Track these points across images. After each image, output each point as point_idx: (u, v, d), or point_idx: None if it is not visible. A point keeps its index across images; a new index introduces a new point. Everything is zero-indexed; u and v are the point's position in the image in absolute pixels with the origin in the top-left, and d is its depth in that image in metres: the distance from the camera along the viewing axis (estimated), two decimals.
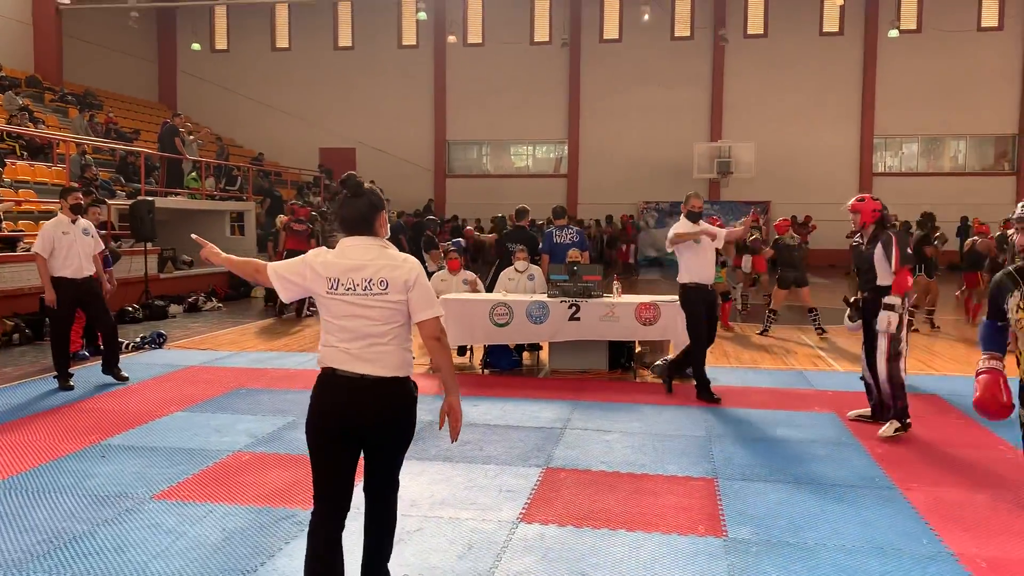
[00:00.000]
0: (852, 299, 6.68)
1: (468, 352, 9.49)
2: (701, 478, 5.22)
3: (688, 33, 27.13)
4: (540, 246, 9.87)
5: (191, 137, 18.76)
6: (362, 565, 3.48)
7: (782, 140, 25.97)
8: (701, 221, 7.69)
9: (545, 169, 28.89)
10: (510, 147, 29.27)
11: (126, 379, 7.98)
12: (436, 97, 28.51)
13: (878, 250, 6.23)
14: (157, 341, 10.38)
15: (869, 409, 6.63)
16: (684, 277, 7.50)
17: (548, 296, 8.55)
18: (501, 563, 3.94)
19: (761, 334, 11.50)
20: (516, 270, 9.38)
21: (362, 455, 3.27)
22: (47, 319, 10.85)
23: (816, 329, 11.60)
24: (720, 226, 8.52)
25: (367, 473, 3.34)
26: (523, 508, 4.69)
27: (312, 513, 3.29)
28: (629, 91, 27.02)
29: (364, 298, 3.10)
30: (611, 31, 27.60)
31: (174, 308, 13.64)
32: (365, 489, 3.37)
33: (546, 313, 8.37)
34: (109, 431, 6.23)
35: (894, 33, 24.98)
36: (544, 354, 9.32)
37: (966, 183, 25.83)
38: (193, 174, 17.99)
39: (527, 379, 8.56)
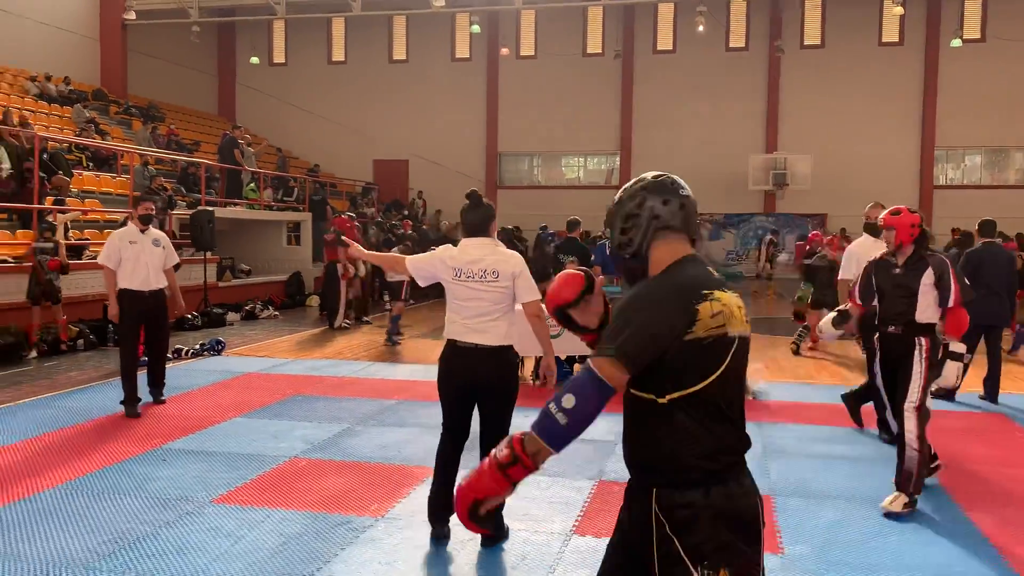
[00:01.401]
0: (844, 312, 5.36)
1: (520, 363, 9.50)
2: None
3: (743, 44, 26.88)
4: (592, 258, 9.86)
5: (250, 148, 19.17)
6: None
7: (839, 152, 25.51)
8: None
9: (597, 180, 28.83)
10: (561, 158, 29.28)
11: (163, 402, 7.53)
12: (488, 109, 28.69)
13: (927, 278, 4.94)
14: (216, 348, 10.60)
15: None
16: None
17: None
18: (555, 575, 3.94)
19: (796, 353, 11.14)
20: None
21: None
22: (111, 325, 11.17)
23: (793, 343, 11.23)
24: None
25: (481, 425, 4.20)
26: (576, 520, 4.68)
27: (441, 435, 4.29)
28: (683, 102, 26.85)
29: (481, 284, 4.07)
30: (665, 42, 27.47)
31: (232, 316, 13.92)
32: (480, 442, 4.15)
33: None
34: (170, 435, 6.38)
35: (957, 42, 24.41)
36: None
37: None
38: (252, 185, 18.36)
39: None
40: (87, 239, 12.83)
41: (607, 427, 6.70)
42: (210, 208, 15.04)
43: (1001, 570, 4.06)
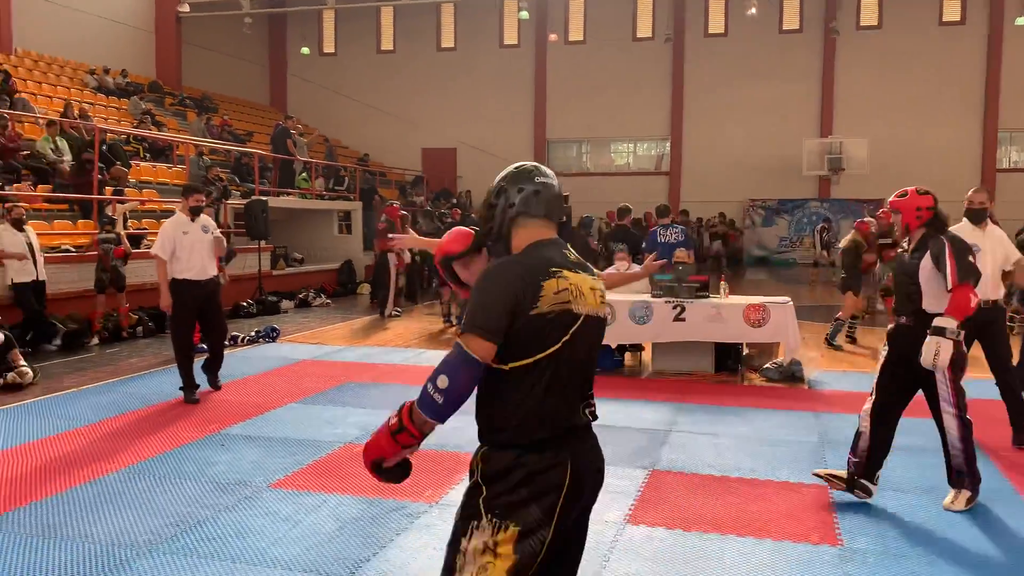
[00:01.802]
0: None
1: None
2: (815, 485, 5.06)
3: (797, 26, 26.34)
4: (643, 245, 9.77)
5: (302, 138, 19.40)
6: None
7: (897, 135, 24.86)
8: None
9: (646, 167, 28.57)
10: (610, 144, 29.07)
11: (219, 388, 7.64)
12: (536, 96, 28.59)
13: (925, 261, 4.57)
14: (271, 335, 10.77)
15: (844, 472, 4.86)
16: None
17: (652, 296, 8.46)
18: (609, 564, 3.92)
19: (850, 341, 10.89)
20: (618, 270, 9.31)
21: None
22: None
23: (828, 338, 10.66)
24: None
25: None
26: (629, 510, 4.65)
27: None
28: (735, 86, 26.42)
29: None
30: (716, 25, 27.05)
31: (286, 304, 14.13)
32: None
33: (650, 313, 8.28)
34: (228, 421, 6.50)
35: (1021, 20, 23.59)
36: (647, 355, 9.23)
37: None
38: (304, 175, 18.59)
39: (629, 380, 8.49)
40: (145, 228, 13.12)
41: (660, 417, 6.69)
42: (263, 198, 15.26)
43: None
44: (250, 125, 24.54)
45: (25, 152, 13.07)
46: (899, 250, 4.81)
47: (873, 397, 4.83)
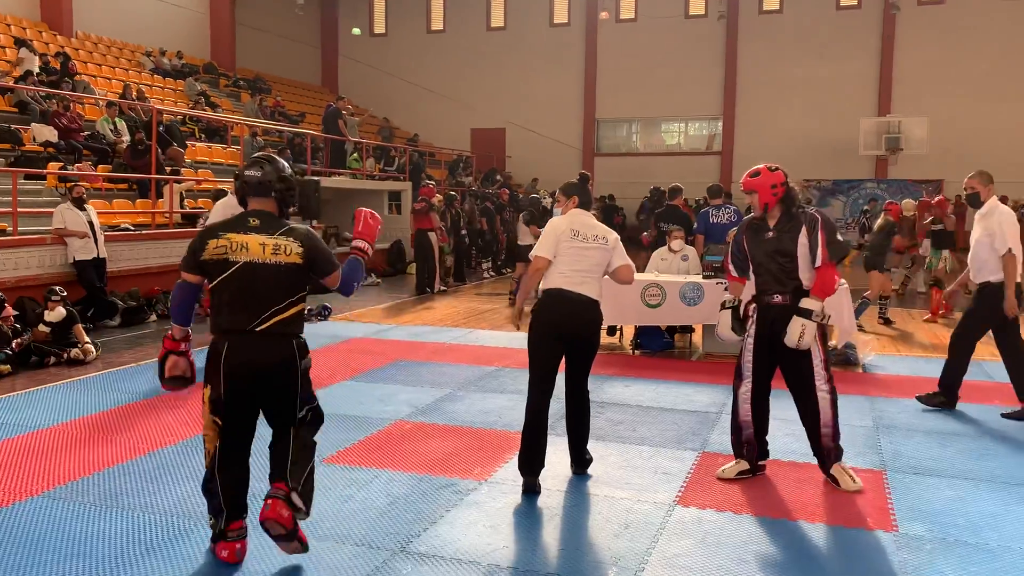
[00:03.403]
0: (734, 303, 4.95)
1: (618, 332, 9.44)
2: (868, 470, 4.98)
3: (855, 2, 25.67)
4: (695, 226, 9.66)
5: (353, 119, 19.53)
6: (569, 444, 4.89)
7: (959, 114, 24.11)
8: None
9: (697, 147, 28.21)
10: (661, 124, 28.74)
11: None
12: (587, 75, 28.35)
13: (803, 237, 4.60)
14: (323, 314, 10.92)
15: (745, 464, 4.86)
16: None
17: (703, 277, 8.37)
18: (658, 544, 3.92)
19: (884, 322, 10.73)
20: (670, 250, 9.23)
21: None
22: None
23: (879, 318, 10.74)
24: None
25: (567, 371, 4.73)
26: (679, 491, 4.63)
27: (529, 393, 4.61)
28: (790, 64, 25.89)
29: (594, 244, 4.66)
30: (771, 2, 26.49)
31: None
32: (567, 383, 4.75)
33: (701, 295, 8.20)
34: None
35: None
36: (697, 336, 9.15)
37: None
38: (355, 155, 18.73)
39: (679, 362, 8.43)
40: (201, 208, 13.37)
41: (710, 399, 6.64)
42: (316, 178, 15.42)
43: None
44: (302, 106, 24.79)
45: (86, 133, 13.39)
46: (768, 233, 4.70)
47: (750, 382, 4.81)
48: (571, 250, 4.63)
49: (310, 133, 18.06)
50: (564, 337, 4.62)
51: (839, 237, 4.67)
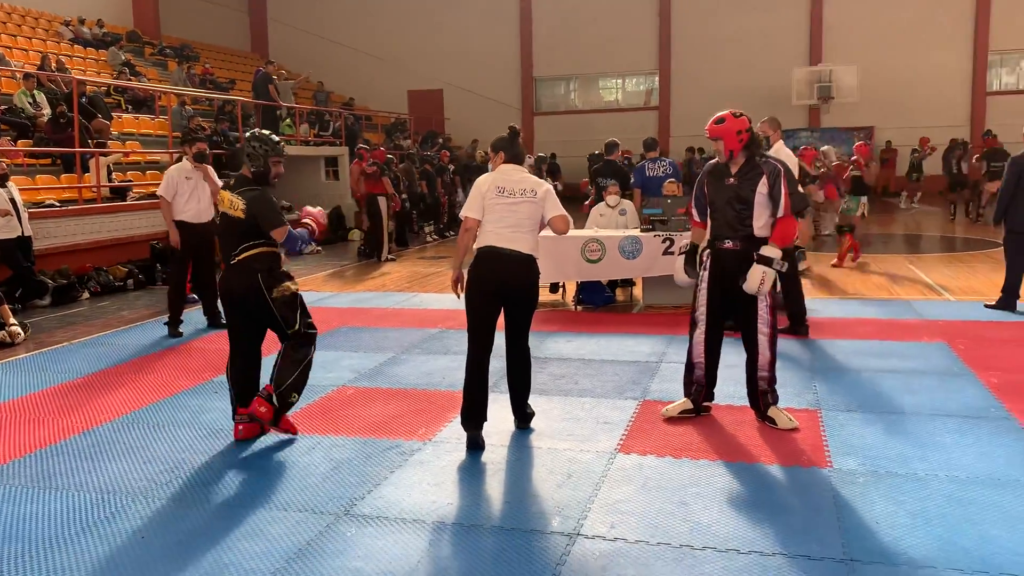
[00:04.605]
0: (690, 246, 5.09)
1: (560, 289, 9.48)
2: (804, 410, 5.11)
3: None
4: (631, 180, 9.70)
5: (287, 83, 19.07)
6: (511, 400, 4.92)
7: (887, 61, 24.53)
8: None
9: (636, 102, 28.25)
10: (599, 81, 28.69)
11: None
12: (522, 33, 28.09)
13: (762, 187, 4.67)
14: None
15: (690, 403, 5.03)
16: None
17: (641, 231, 8.43)
18: (600, 492, 3.97)
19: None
20: (608, 205, 9.26)
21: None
22: (158, 264, 11.38)
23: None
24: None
25: (506, 328, 4.72)
26: (620, 439, 4.70)
27: (468, 351, 4.67)
28: (722, 16, 25.97)
29: (522, 199, 4.61)
30: None
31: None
32: (507, 340, 4.74)
33: (639, 248, 8.26)
34: (221, 368, 6.46)
35: None
36: (638, 289, 9.24)
37: None
38: (288, 121, 18.33)
39: (621, 315, 8.51)
40: (130, 180, 12.99)
41: (651, 349, 6.73)
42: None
43: None
44: (232, 73, 24.12)
45: (3, 107, 12.84)
46: (728, 180, 4.78)
47: (703, 324, 4.93)
48: (498, 207, 4.60)
49: (240, 100, 17.60)
50: (499, 293, 4.62)
51: (801, 190, 4.73)
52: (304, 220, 4.84)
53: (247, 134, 4.92)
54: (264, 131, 4.91)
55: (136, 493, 4.09)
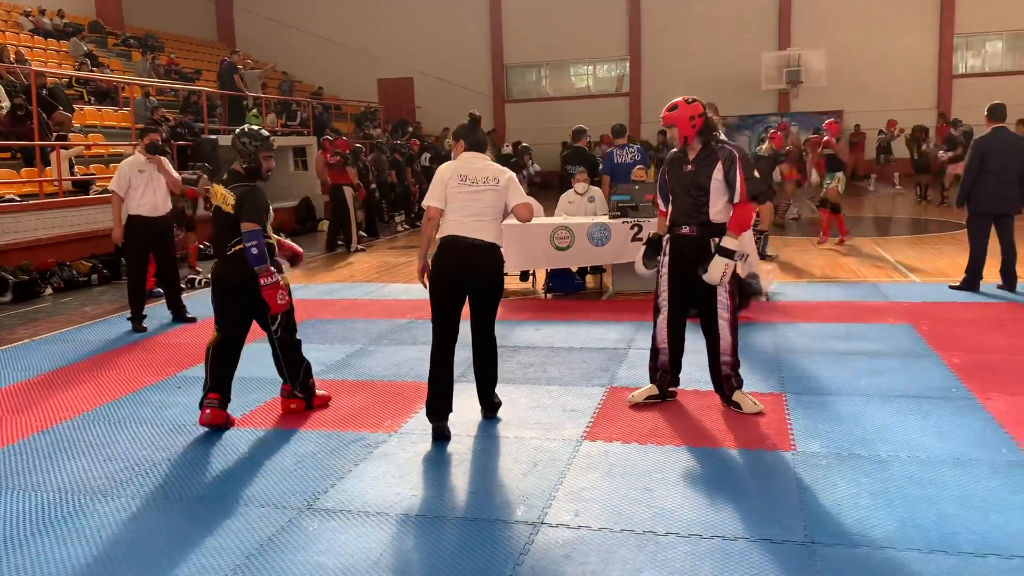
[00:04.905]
0: (651, 236, 5.10)
1: (530, 277, 9.47)
2: (769, 394, 5.13)
3: None
4: (600, 167, 9.68)
5: (254, 72, 18.83)
6: (478, 389, 4.88)
7: (855, 45, 24.67)
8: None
9: (607, 89, 28.23)
10: (570, 67, 28.63)
11: (193, 319, 7.96)
12: (492, 19, 27.94)
13: (717, 173, 4.66)
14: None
15: (656, 389, 5.04)
16: None
17: (610, 217, 8.42)
18: (566, 479, 3.96)
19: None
20: (576, 192, 9.24)
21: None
22: (122, 259, 11.21)
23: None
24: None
25: (471, 318, 4.72)
26: (587, 427, 4.69)
27: (433, 342, 4.66)
28: (692, 2, 25.98)
29: (484, 187, 4.56)
30: None
31: None
32: (472, 329, 4.74)
33: (608, 235, 8.25)
34: (184, 364, 6.43)
35: None
36: (607, 276, 9.24)
37: None
38: (254, 111, 18.12)
39: (591, 302, 8.51)
40: (93, 174, 12.78)
41: (619, 336, 6.73)
42: (213, 137, 14.88)
43: (1015, 455, 4.04)
44: (198, 63, 23.79)
45: None
46: (687, 167, 4.78)
47: (666, 310, 4.93)
48: (460, 195, 4.56)
49: (206, 90, 17.37)
50: (463, 283, 4.59)
51: (757, 175, 4.74)
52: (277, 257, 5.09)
53: (237, 131, 4.96)
54: (253, 127, 5.01)
55: (95, 492, 4.02)
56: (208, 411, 4.80)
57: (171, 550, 3.40)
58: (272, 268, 4.77)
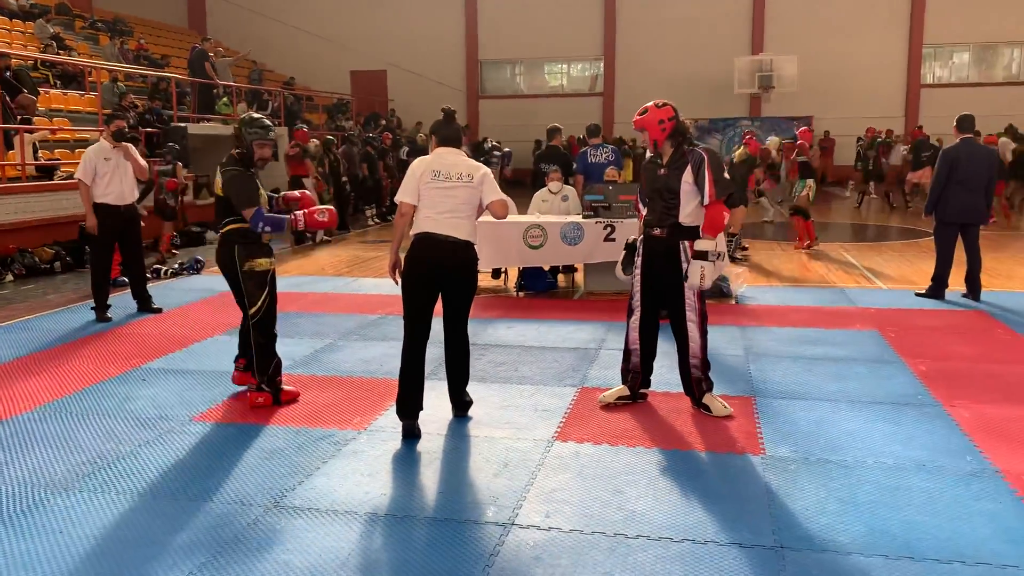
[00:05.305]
0: (630, 241, 5.15)
1: (503, 275, 9.44)
2: (738, 397, 5.16)
3: None
4: (574, 166, 9.68)
5: (224, 59, 18.56)
6: (449, 388, 4.86)
7: (827, 52, 24.94)
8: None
9: (580, 88, 28.27)
10: (544, 66, 28.62)
11: (159, 310, 7.94)
12: (467, 14, 27.84)
13: (687, 175, 4.68)
14: (195, 267, 10.48)
15: (627, 390, 5.06)
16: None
17: (583, 217, 8.42)
18: (536, 480, 3.95)
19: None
20: (550, 191, 9.23)
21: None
22: (87, 247, 11.00)
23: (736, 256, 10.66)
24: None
25: (444, 315, 4.69)
26: (558, 427, 4.68)
27: (404, 339, 4.61)
28: (666, 4, 26.08)
29: (458, 183, 4.52)
30: None
31: (211, 234, 13.69)
32: (444, 327, 4.71)
33: (581, 234, 8.25)
34: (149, 355, 6.32)
35: None
36: (579, 276, 9.24)
37: (1020, 93, 24.68)
38: (225, 100, 17.87)
39: (562, 301, 8.50)
40: (57, 159, 12.52)
41: (591, 336, 6.73)
42: (182, 124, 14.66)
43: (979, 463, 4.10)
44: (167, 49, 23.37)
45: None
46: (660, 170, 4.82)
47: (639, 311, 4.97)
48: (434, 191, 4.51)
49: (175, 77, 17.09)
50: (436, 280, 4.55)
51: (726, 175, 4.75)
52: (294, 212, 5.09)
53: (242, 116, 5.16)
54: (256, 114, 5.16)
55: (56, 485, 3.93)
56: (235, 374, 5.43)
57: (134, 546, 3.33)
58: (293, 216, 4.97)
